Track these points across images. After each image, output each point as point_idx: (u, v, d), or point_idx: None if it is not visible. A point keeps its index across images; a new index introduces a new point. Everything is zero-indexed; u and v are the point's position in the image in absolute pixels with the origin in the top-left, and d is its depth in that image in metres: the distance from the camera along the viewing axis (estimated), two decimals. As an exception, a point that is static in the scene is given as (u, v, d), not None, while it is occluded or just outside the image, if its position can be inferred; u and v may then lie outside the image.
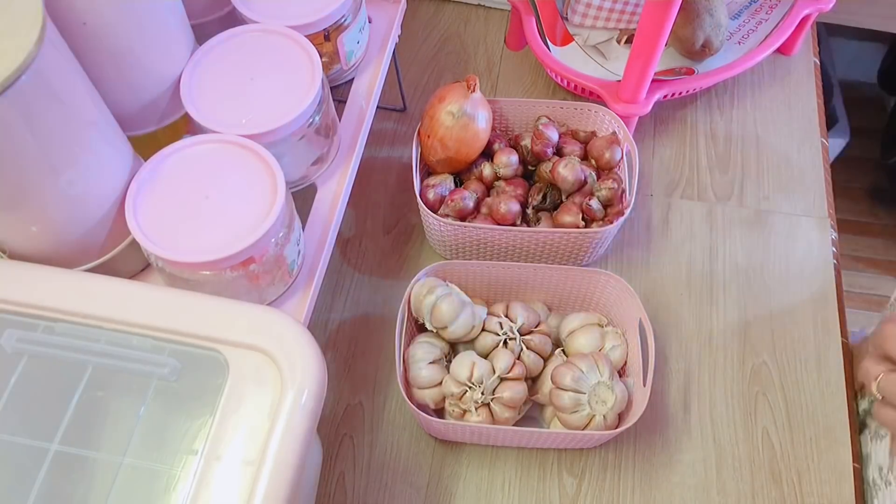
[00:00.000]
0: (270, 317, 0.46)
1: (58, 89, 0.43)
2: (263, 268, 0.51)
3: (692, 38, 0.80)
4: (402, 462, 0.66)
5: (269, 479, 0.41)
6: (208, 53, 0.57)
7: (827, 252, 0.78)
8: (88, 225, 0.50)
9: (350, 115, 0.66)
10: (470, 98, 0.70)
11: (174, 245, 0.48)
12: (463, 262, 0.67)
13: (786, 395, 0.70)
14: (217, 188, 0.51)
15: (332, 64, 0.65)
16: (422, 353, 0.63)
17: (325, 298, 0.74)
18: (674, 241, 0.78)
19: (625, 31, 0.85)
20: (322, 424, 0.67)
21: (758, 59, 0.82)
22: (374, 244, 0.78)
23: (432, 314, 0.63)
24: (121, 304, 0.46)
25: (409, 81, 0.88)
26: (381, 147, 0.84)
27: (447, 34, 0.93)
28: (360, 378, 0.70)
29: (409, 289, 0.65)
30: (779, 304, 0.75)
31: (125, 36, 0.51)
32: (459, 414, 0.62)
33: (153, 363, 0.45)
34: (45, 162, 0.44)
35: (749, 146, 0.85)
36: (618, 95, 0.76)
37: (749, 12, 0.88)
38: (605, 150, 0.74)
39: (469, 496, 0.64)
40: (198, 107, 0.55)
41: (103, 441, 0.44)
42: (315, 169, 0.61)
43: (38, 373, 0.45)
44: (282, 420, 0.42)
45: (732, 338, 0.73)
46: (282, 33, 0.59)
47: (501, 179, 0.74)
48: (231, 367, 0.44)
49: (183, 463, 0.43)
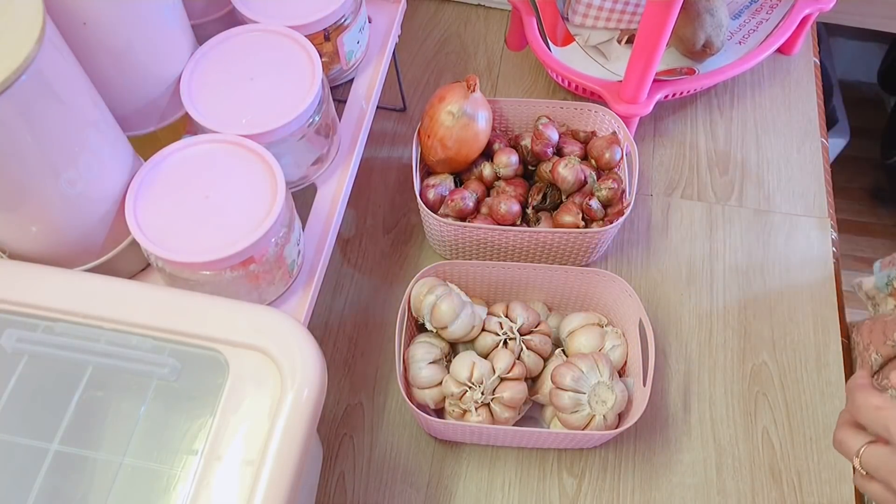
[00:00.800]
0: (270, 317, 0.46)
1: (58, 89, 0.43)
2: (263, 268, 0.51)
3: (693, 38, 0.80)
4: (402, 462, 0.66)
5: (269, 479, 0.41)
6: (208, 53, 0.57)
7: (827, 252, 0.78)
8: (88, 225, 0.50)
9: (350, 115, 0.66)
10: (470, 98, 0.70)
11: (174, 245, 0.48)
12: (463, 262, 0.67)
13: (786, 395, 0.70)
14: (217, 188, 0.51)
15: (332, 64, 0.65)
16: (422, 353, 0.63)
17: (325, 298, 0.74)
18: (674, 240, 0.78)
19: (625, 31, 0.85)
20: (322, 424, 0.67)
21: (759, 59, 0.82)
22: (374, 244, 0.78)
23: (432, 314, 0.63)
24: (121, 304, 0.46)
25: (409, 81, 0.88)
26: (381, 147, 0.84)
27: (447, 34, 0.93)
28: (360, 378, 0.70)
29: (409, 289, 0.65)
30: (779, 304, 0.75)
31: (125, 36, 0.51)
32: (459, 414, 0.62)
33: (153, 363, 0.45)
34: (45, 162, 0.44)
35: (749, 146, 0.85)
36: (619, 96, 0.76)
37: (749, 12, 0.88)
38: (605, 150, 0.74)
39: (469, 496, 0.64)
40: (198, 107, 0.55)
41: (103, 441, 0.44)
42: (315, 169, 0.61)
43: (38, 373, 0.45)
44: (282, 420, 0.42)
45: (732, 338, 0.73)
46: (282, 33, 0.59)
47: (501, 179, 0.74)
48: (231, 367, 0.44)
49: (183, 463, 0.43)
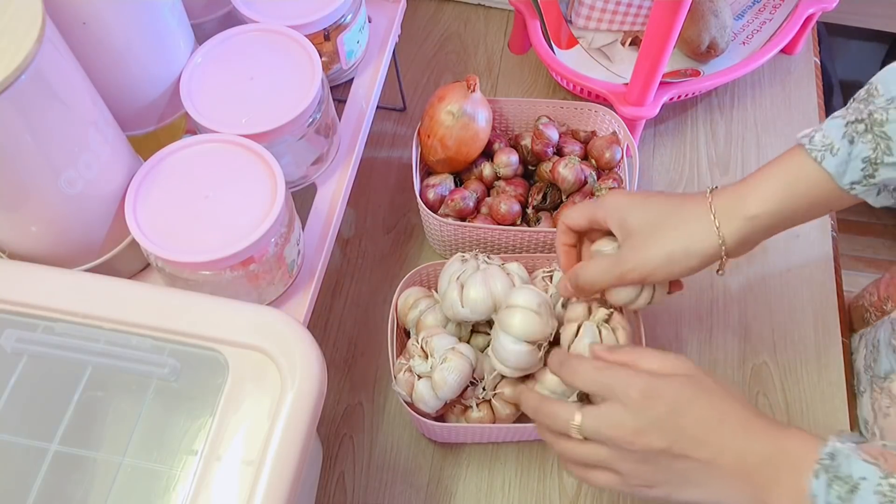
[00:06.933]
0: (270, 317, 0.46)
1: (58, 89, 0.43)
2: (263, 268, 0.51)
3: (698, 40, 0.80)
4: (402, 462, 0.66)
5: (269, 479, 0.41)
6: (208, 53, 0.57)
7: (827, 252, 0.78)
8: (88, 225, 0.50)
9: (350, 114, 0.66)
10: (470, 98, 0.70)
11: (174, 245, 0.48)
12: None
13: (786, 396, 0.70)
14: (217, 188, 0.51)
15: (332, 64, 0.65)
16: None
17: (325, 298, 0.74)
18: (674, 241, 0.78)
19: (629, 33, 0.85)
20: (322, 424, 0.67)
21: (763, 60, 0.82)
22: (374, 244, 0.78)
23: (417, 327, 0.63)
24: (121, 304, 0.46)
25: (409, 81, 0.88)
26: (381, 147, 0.84)
27: (447, 34, 0.93)
28: (360, 378, 0.70)
29: (395, 297, 0.65)
30: (779, 304, 0.75)
31: (125, 36, 0.51)
32: (461, 410, 0.62)
33: (153, 363, 0.45)
34: (45, 162, 0.44)
35: (749, 146, 0.85)
36: (625, 99, 0.76)
37: (752, 12, 0.88)
38: (606, 150, 0.74)
39: (469, 496, 0.64)
40: (197, 106, 0.55)
41: (103, 441, 0.44)
42: (315, 169, 0.61)
43: (38, 373, 0.45)
44: (282, 420, 0.42)
45: (732, 338, 0.73)
46: (282, 33, 0.59)
47: (501, 179, 0.74)
48: (231, 367, 0.44)
49: (183, 463, 0.43)
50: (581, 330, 0.57)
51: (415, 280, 0.67)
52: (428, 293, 0.65)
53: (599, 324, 0.57)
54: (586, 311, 0.59)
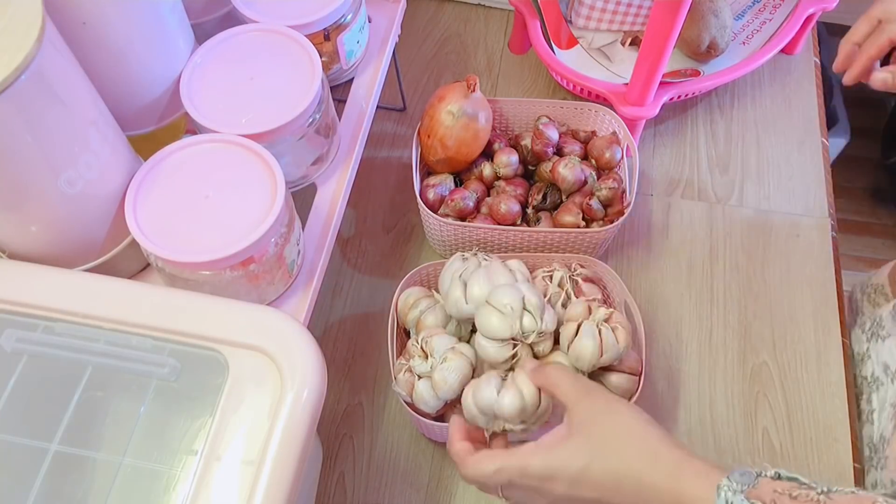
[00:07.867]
0: (270, 317, 0.46)
1: (58, 89, 0.43)
2: (263, 268, 0.51)
3: (698, 40, 0.80)
4: (402, 462, 0.66)
5: (269, 479, 0.41)
6: (208, 53, 0.57)
7: (827, 252, 0.78)
8: (88, 225, 0.50)
9: (350, 114, 0.66)
10: (470, 98, 0.70)
11: (174, 245, 0.48)
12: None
13: (786, 395, 0.70)
14: (217, 188, 0.51)
15: (332, 64, 0.65)
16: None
17: (325, 298, 0.74)
18: (674, 241, 0.78)
19: (629, 33, 0.85)
20: (322, 424, 0.67)
21: (763, 60, 0.82)
22: (374, 244, 0.78)
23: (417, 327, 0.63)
24: (121, 304, 0.46)
25: (409, 81, 0.88)
26: (381, 147, 0.84)
27: (447, 34, 0.93)
28: (360, 378, 0.70)
29: (395, 297, 0.65)
30: (779, 303, 0.75)
31: (125, 36, 0.51)
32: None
33: (153, 363, 0.45)
34: (45, 162, 0.44)
35: (749, 146, 0.85)
36: (625, 99, 0.76)
37: (752, 12, 0.88)
38: (606, 150, 0.74)
39: (469, 496, 0.64)
40: (197, 106, 0.55)
41: (103, 441, 0.44)
42: (315, 169, 0.61)
43: (38, 373, 0.45)
44: (282, 420, 0.42)
45: (732, 338, 0.73)
46: (282, 33, 0.59)
47: (501, 179, 0.74)
48: (231, 367, 0.44)
49: (183, 463, 0.43)
50: (581, 329, 0.58)
51: (415, 280, 0.67)
52: (428, 293, 0.65)
53: (599, 323, 0.58)
54: (586, 310, 0.59)
